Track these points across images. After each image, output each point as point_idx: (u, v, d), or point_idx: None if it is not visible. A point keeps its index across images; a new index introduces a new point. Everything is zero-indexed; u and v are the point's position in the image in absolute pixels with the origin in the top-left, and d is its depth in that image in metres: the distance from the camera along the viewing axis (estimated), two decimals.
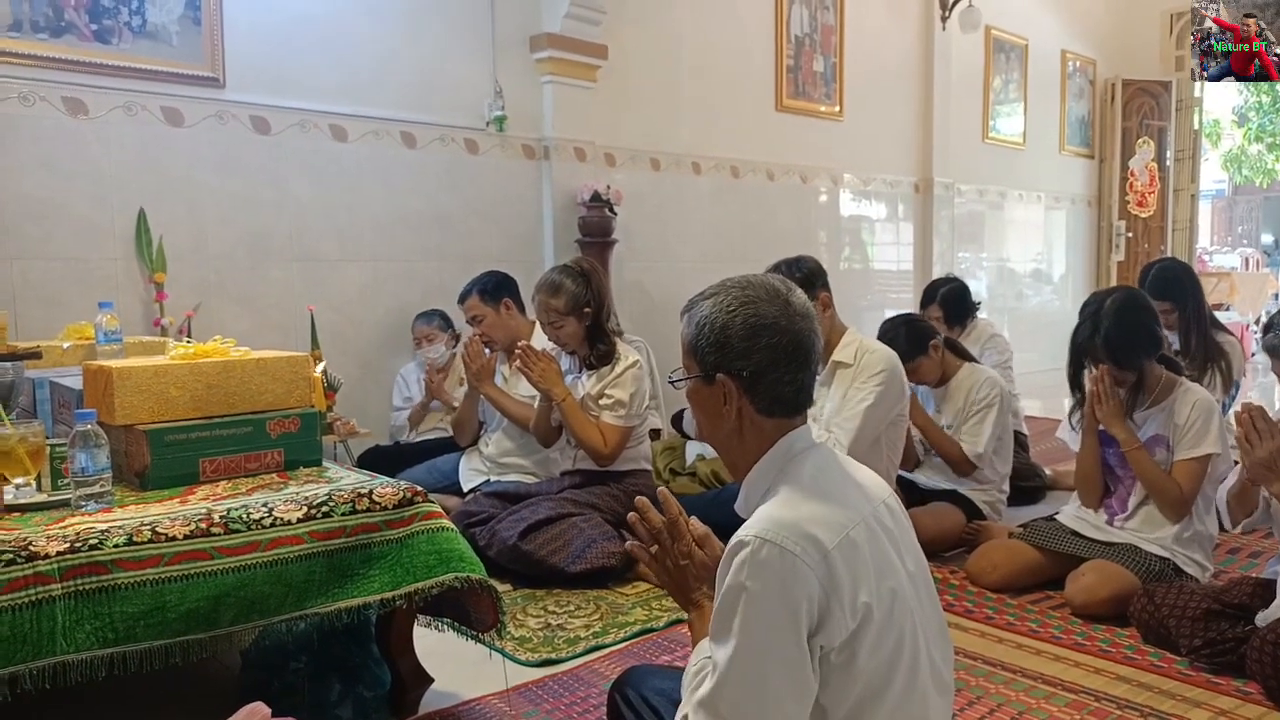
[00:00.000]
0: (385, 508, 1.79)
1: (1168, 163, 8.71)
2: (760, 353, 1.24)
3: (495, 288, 3.36)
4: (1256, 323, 10.19)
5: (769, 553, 1.12)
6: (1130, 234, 8.60)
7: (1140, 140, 8.57)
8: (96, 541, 1.53)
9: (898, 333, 3.25)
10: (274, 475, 1.95)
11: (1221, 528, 2.64)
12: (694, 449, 3.91)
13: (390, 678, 1.95)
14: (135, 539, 1.56)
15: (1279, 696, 2.00)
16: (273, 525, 1.68)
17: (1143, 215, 8.66)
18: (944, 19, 6.70)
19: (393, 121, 4.09)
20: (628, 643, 2.42)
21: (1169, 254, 8.66)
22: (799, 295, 1.29)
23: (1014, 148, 7.71)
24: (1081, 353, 2.65)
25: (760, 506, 1.22)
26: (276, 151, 3.77)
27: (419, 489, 1.85)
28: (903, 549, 1.26)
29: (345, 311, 4.00)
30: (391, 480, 1.90)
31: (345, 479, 1.90)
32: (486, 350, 3.33)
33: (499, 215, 4.48)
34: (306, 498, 1.76)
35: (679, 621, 2.53)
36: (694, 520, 1.41)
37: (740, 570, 1.13)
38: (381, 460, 3.51)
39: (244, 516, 1.67)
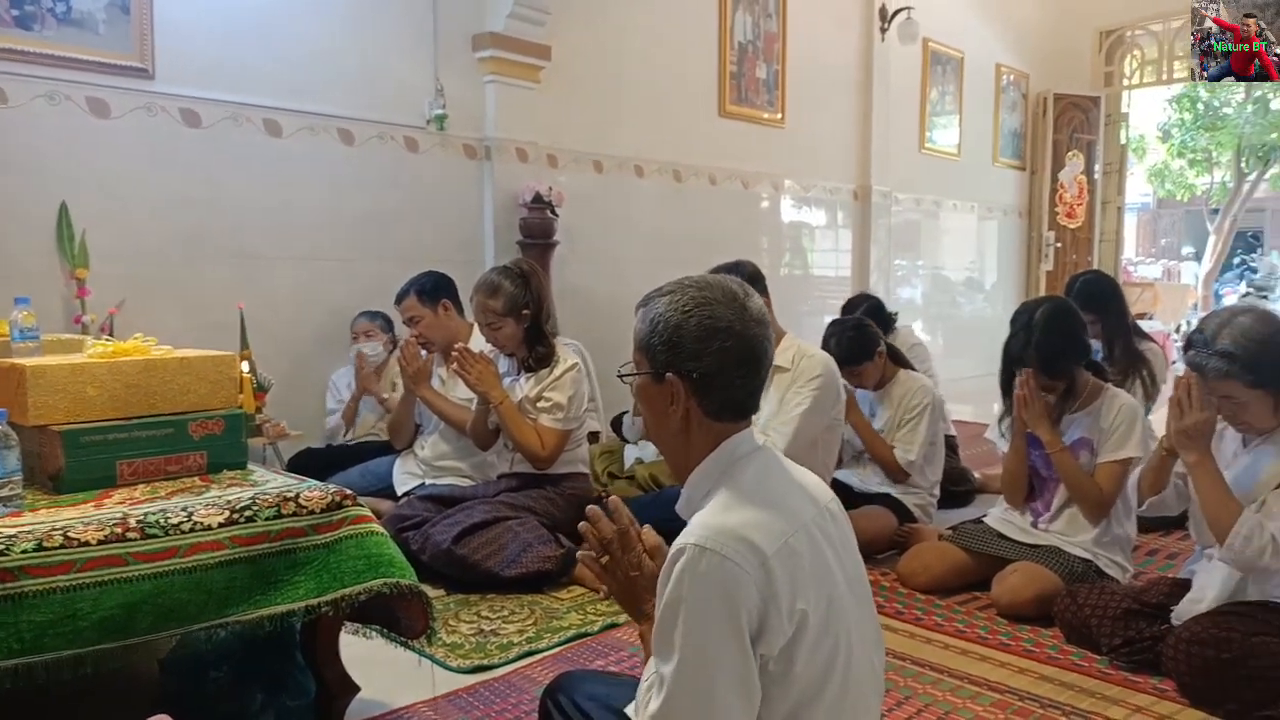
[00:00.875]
0: (312, 512, 1.75)
1: (1096, 176, 8.98)
2: (712, 356, 1.23)
3: (433, 288, 3.31)
4: (1177, 330, 10.59)
5: (708, 561, 1.11)
6: (1059, 244, 8.85)
7: (1070, 153, 8.83)
8: (3, 547, 1.46)
9: (847, 336, 3.30)
10: (196, 479, 1.89)
11: (1143, 529, 2.73)
12: (632, 452, 3.91)
13: (315, 686, 1.91)
14: (46, 544, 1.50)
15: (1193, 693, 2.07)
16: (192, 530, 1.62)
17: (1071, 226, 8.92)
18: (883, 30, 6.82)
19: (330, 117, 4.01)
20: (562, 648, 2.41)
21: (1096, 264, 8.94)
22: (756, 301, 1.28)
23: (949, 158, 7.88)
24: (1014, 362, 2.71)
25: (700, 511, 1.22)
26: (208, 145, 3.66)
27: (348, 492, 1.82)
28: (842, 554, 1.27)
29: (280, 310, 3.91)
30: (320, 484, 1.85)
31: (271, 482, 1.86)
32: (423, 352, 3.28)
33: (439, 215, 4.42)
34: (229, 502, 1.71)
35: (614, 626, 2.53)
36: (646, 529, 1.40)
37: (679, 581, 1.13)
38: (314, 463, 3.44)
39: (162, 521, 1.61)
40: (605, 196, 5.15)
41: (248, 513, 1.69)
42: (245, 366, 3.29)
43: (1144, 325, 9.35)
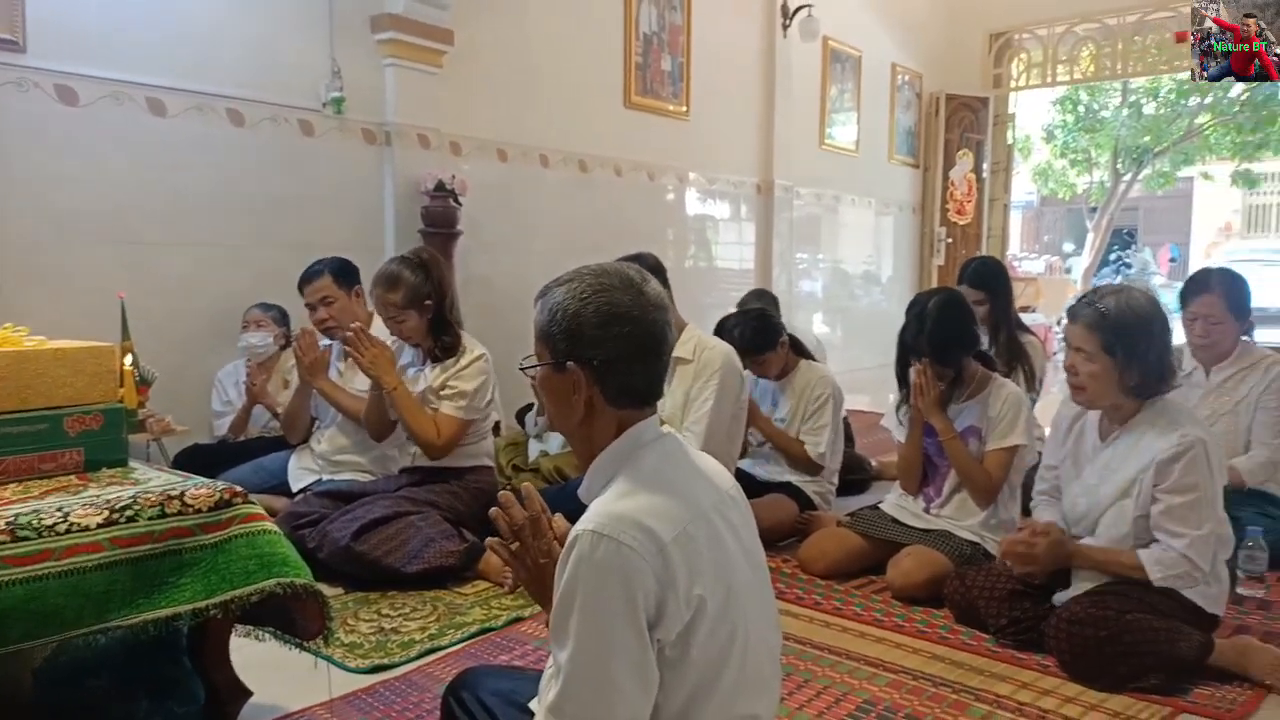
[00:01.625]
0: (199, 510, 1.67)
1: (984, 174, 9.36)
2: (612, 342, 1.23)
3: (348, 271, 3.22)
4: (1058, 323, 11.11)
5: (605, 548, 1.11)
6: (950, 240, 9.20)
7: (960, 152, 9.17)
8: None
9: (750, 326, 3.34)
10: (72, 477, 1.78)
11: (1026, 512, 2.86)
12: (537, 445, 3.88)
13: (205, 692, 1.83)
14: None
15: (1073, 669, 2.18)
16: (68, 532, 1.53)
17: (961, 223, 9.28)
18: (785, 27, 6.94)
19: (219, 97, 3.84)
20: (465, 643, 2.38)
21: None
22: (654, 286, 1.28)
23: (848, 155, 8.08)
24: (908, 350, 2.80)
25: (598, 498, 1.22)
26: (87, 124, 3.45)
27: (238, 490, 1.74)
28: (743, 540, 1.28)
29: (166, 299, 3.72)
30: (208, 481, 1.77)
31: (154, 480, 1.77)
32: (324, 342, 3.18)
33: (337, 201, 4.29)
34: (108, 501, 1.62)
35: (519, 620, 2.51)
36: (557, 517, 1.39)
37: (576, 567, 1.12)
38: (202, 459, 3.29)
39: (35, 523, 1.52)
40: (510, 186, 5.09)
41: (129, 512, 1.60)
42: (129, 359, 3.12)
43: (1027, 318, 9.76)
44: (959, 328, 2.76)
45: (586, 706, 1.12)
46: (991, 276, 3.85)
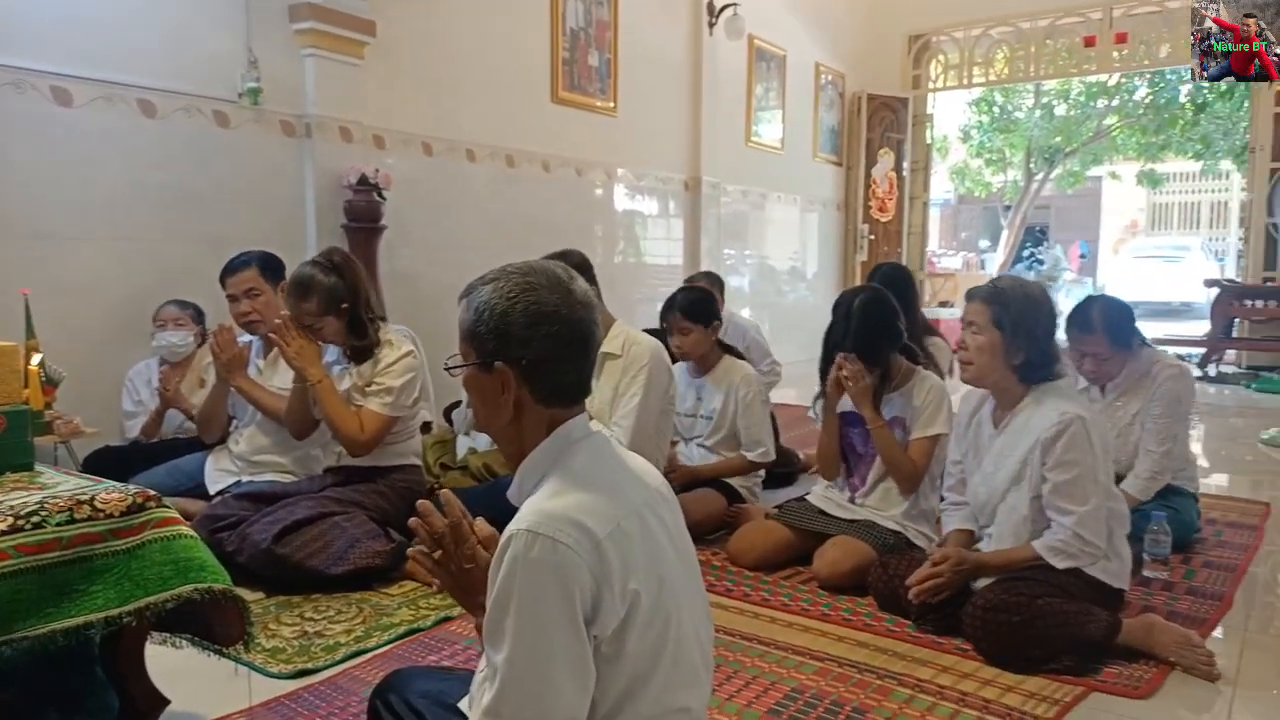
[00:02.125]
0: (110, 515, 1.61)
1: (904, 172, 9.59)
2: (541, 341, 1.22)
3: (275, 265, 3.14)
4: None
5: (540, 546, 1.11)
6: (872, 236, 9.41)
7: (882, 150, 9.39)
8: None
9: (690, 295, 3.39)
10: None
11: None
12: (465, 442, 3.84)
13: (119, 702, 1.77)
14: None
15: (989, 653, 2.25)
16: None
17: (883, 220, 9.50)
18: (711, 24, 6.99)
19: (129, 87, 3.70)
20: (392, 645, 2.34)
21: (904, 255, 9.57)
22: (580, 284, 1.28)
23: (774, 152, 8.19)
24: (834, 348, 2.86)
25: (531, 497, 1.21)
26: None
27: (152, 493, 1.68)
28: (674, 534, 1.29)
29: (74, 296, 3.57)
30: (119, 485, 1.71)
31: (63, 485, 1.69)
32: (243, 338, 3.09)
33: (255, 195, 4.17)
34: (13, 507, 1.55)
35: (447, 619, 2.48)
36: (479, 521, 1.37)
37: (511, 567, 1.11)
38: (113, 461, 3.17)
39: None
40: (435, 180, 5.02)
41: (35, 519, 1.53)
42: (35, 359, 2.99)
43: (944, 312, 10.00)
44: (884, 325, 2.83)
45: (524, 707, 1.11)
46: (894, 284, 3.92)
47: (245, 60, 4.04)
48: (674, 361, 3.27)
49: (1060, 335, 2.56)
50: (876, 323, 2.81)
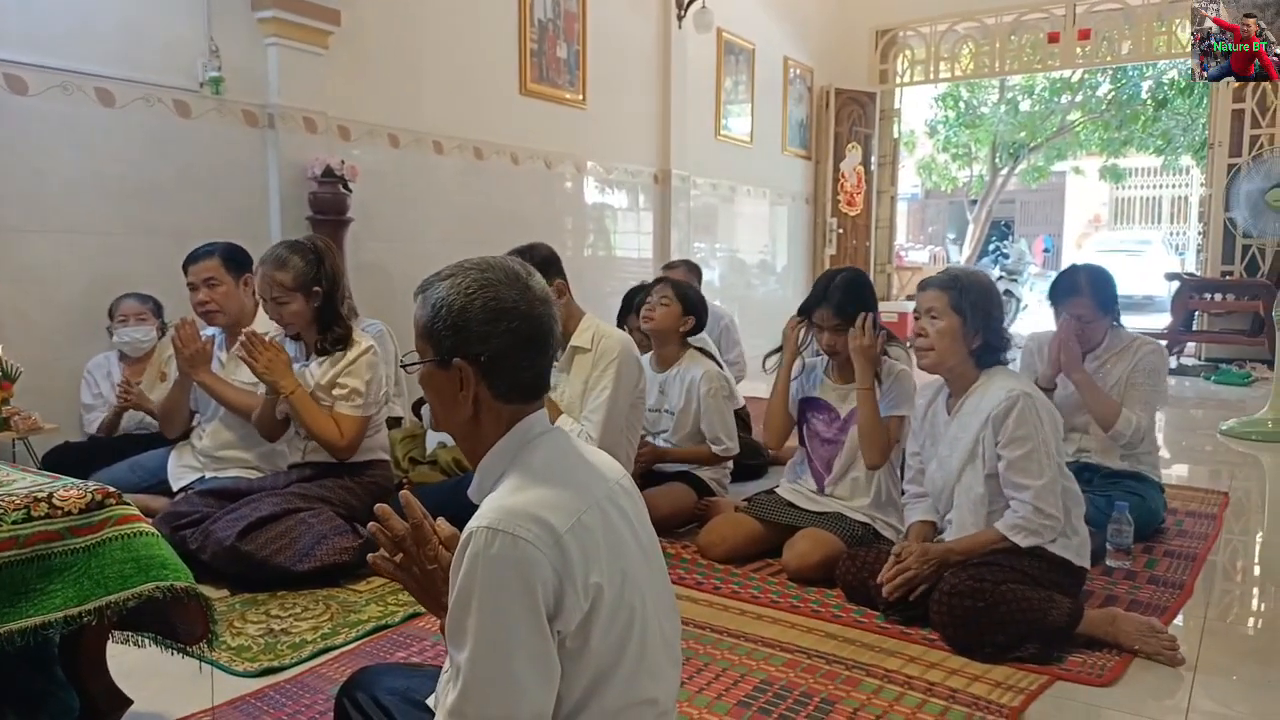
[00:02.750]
0: (69, 513, 1.57)
1: (872, 167, 9.65)
2: (499, 337, 1.22)
3: (240, 257, 3.10)
4: None
5: (501, 543, 1.10)
6: (841, 230, 9.47)
7: (850, 145, 9.44)
8: None
9: (683, 285, 3.47)
10: None
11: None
12: (435, 437, 3.81)
13: (79, 703, 1.73)
14: None
15: (954, 640, 2.28)
16: None
17: (851, 214, 9.56)
18: (680, 17, 6.98)
19: (85, 75, 3.62)
20: (360, 642, 2.32)
21: (872, 248, 9.65)
22: (538, 280, 1.28)
23: (743, 146, 8.20)
24: (808, 311, 2.91)
25: (491, 494, 1.20)
26: None
27: (111, 490, 1.65)
28: (636, 528, 1.28)
29: (29, 288, 3.49)
30: (78, 481, 1.67)
31: (19, 482, 1.65)
32: (205, 331, 3.04)
33: (217, 187, 4.10)
34: None
35: (416, 615, 2.46)
36: (440, 521, 1.36)
37: (472, 565, 1.10)
38: (73, 458, 3.11)
39: None
40: (402, 172, 4.97)
41: None
42: None
43: (911, 305, 10.04)
44: (862, 296, 2.89)
45: (489, 706, 1.10)
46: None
47: (206, 49, 3.97)
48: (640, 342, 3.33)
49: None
50: (856, 290, 2.88)
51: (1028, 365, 3.29)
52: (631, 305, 3.95)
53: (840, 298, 2.84)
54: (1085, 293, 3.12)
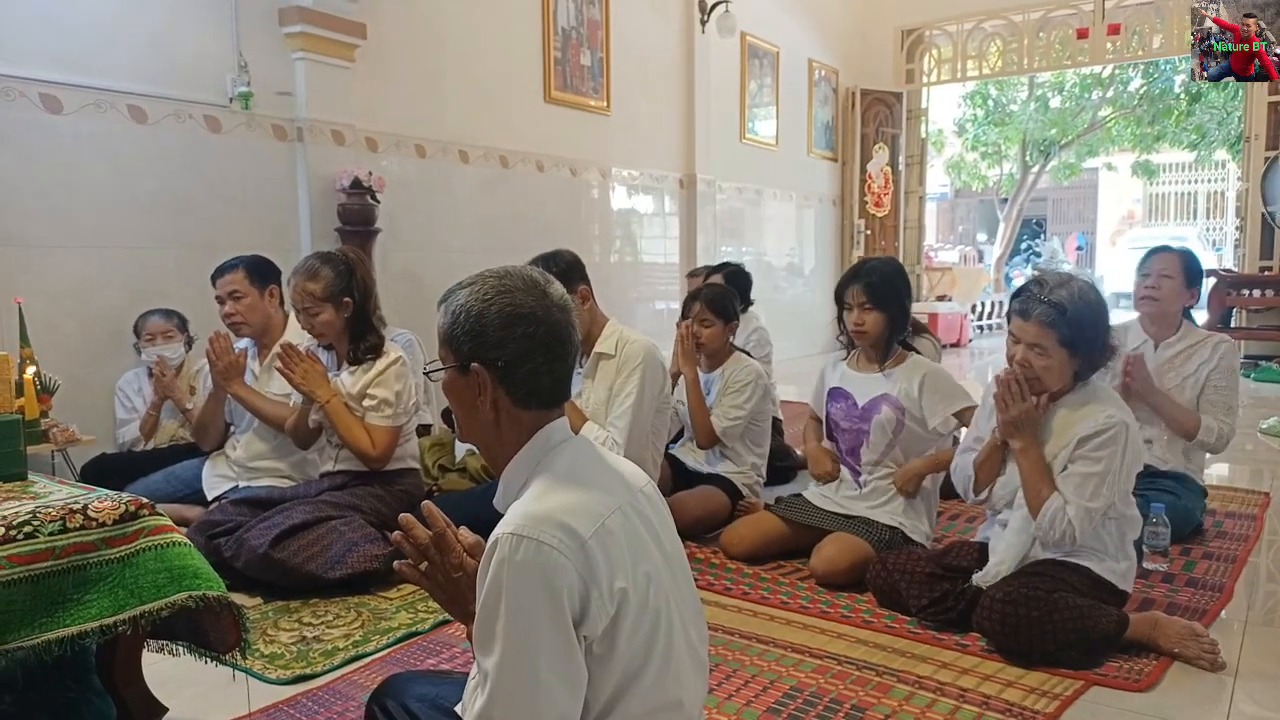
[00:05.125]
0: (103, 524, 1.60)
1: (900, 167, 9.58)
2: (516, 343, 1.23)
3: (265, 270, 3.14)
4: (973, 310, 11.45)
5: (525, 549, 1.11)
6: (869, 231, 9.40)
7: (876, 145, 9.38)
8: None
9: (717, 290, 3.52)
10: None
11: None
12: (464, 444, 3.83)
13: (115, 710, 1.76)
14: None
15: (1003, 646, 2.23)
16: None
17: (879, 215, 9.49)
18: (703, 22, 6.98)
19: (118, 93, 3.69)
20: (391, 649, 2.33)
21: (901, 250, 9.57)
22: (557, 287, 1.29)
23: (768, 149, 8.18)
24: (843, 288, 2.89)
25: (516, 501, 1.21)
26: None
27: (144, 501, 1.67)
28: (660, 533, 1.28)
29: (64, 304, 3.57)
30: (112, 493, 1.70)
31: (55, 494, 1.69)
32: (239, 344, 3.08)
33: (247, 200, 4.16)
34: (5, 517, 1.54)
35: (446, 622, 2.47)
36: (463, 530, 1.37)
37: (498, 572, 1.11)
38: (110, 470, 3.17)
39: None
40: (429, 182, 5.02)
41: (27, 529, 1.53)
42: (31, 370, 2.98)
43: (942, 306, 9.94)
44: (898, 285, 2.87)
45: (515, 711, 1.11)
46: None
47: (235, 65, 4.03)
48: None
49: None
50: (892, 275, 2.86)
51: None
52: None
53: (872, 277, 2.82)
54: (1175, 251, 3.15)
